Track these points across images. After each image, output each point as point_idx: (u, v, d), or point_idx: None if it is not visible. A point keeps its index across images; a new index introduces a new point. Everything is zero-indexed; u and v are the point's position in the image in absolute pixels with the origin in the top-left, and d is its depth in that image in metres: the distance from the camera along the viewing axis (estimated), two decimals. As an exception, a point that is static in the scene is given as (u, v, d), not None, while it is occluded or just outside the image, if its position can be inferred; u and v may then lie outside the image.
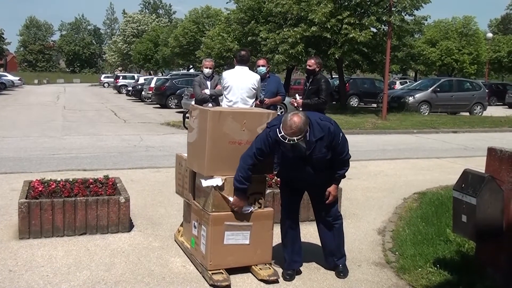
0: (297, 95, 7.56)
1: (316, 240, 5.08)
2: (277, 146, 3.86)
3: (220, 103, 7.98)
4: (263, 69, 7.55)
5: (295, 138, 3.63)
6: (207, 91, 7.94)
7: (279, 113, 8.09)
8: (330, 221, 4.27)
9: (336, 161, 4.02)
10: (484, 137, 15.15)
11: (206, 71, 8.11)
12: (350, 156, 4.09)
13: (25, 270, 4.14)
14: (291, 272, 4.16)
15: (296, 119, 3.65)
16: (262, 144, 3.88)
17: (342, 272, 4.24)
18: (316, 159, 3.91)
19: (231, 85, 6.86)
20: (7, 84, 41.85)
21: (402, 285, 4.11)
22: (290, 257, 4.22)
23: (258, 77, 7.06)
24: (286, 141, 3.64)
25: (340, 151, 3.97)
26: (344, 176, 4.16)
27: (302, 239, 5.10)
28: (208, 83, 8.10)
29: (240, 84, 6.83)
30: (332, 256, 4.32)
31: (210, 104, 7.64)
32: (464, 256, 4.44)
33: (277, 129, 3.70)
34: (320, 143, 3.86)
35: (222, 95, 7.97)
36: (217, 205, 4.02)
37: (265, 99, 7.39)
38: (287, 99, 9.48)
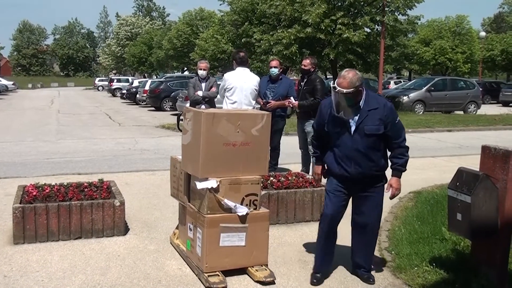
0: (292, 97, 7.53)
1: (313, 241, 5.08)
2: (326, 120, 3.95)
3: (217, 105, 7.99)
4: (275, 71, 7.53)
5: (344, 90, 3.69)
6: (200, 93, 7.93)
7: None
8: (366, 229, 4.08)
9: (391, 146, 3.92)
10: (478, 135, 15.19)
11: (201, 72, 8.10)
12: (408, 148, 3.96)
13: (20, 276, 4.12)
14: (319, 276, 4.08)
15: (351, 73, 3.79)
16: (317, 114, 4.10)
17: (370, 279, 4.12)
18: (367, 132, 3.81)
19: (235, 87, 6.93)
20: (0, 89, 41.73)
21: (398, 284, 4.11)
22: (320, 261, 4.12)
23: (258, 78, 7.17)
24: (336, 90, 3.72)
25: (396, 134, 3.89)
26: (404, 168, 3.96)
27: (298, 241, 5.12)
28: (203, 85, 8.08)
29: (243, 85, 6.92)
30: (360, 268, 4.18)
31: (203, 106, 7.64)
32: (460, 255, 4.45)
33: (331, 85, 3.82)
34: (373, 114, 3.82)
35: (216, 97, 7.99)
36: (212, 207, 4.00)
37: (270, 101, 7.37)
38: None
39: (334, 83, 3.80)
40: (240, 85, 6.92)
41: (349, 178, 3.94)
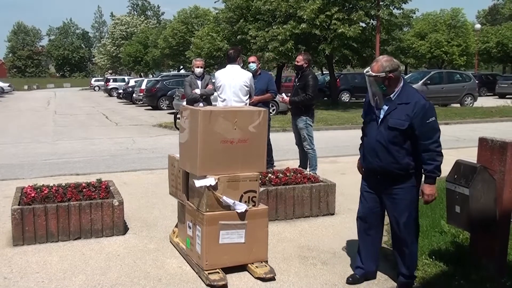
0: (283, 94, 7.57)
1: (312, 237, 5.09)
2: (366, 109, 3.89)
3: (213, 103, 8.00)
4: (253, 66, 7.65)
5: (373, 73, 3.61)
6: (197, 91, 7.93)
7: (271, 111, 8.12)
8: (397, 241, 3.86)
9: (419, 147, 3.61)
10: (475, 127, 15.23)
11: (198, 70, 8.10)
12: (440, 152, 3.61)
13: (20, 277, 4.12)
14: (357, 276, 3.97)
15: (385, 57, 3.72)
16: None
17: None
18: (390, 124, 3.64)
19: (223, 84, 6.97)
20: (-4, 91, 41.62)
21: (398, 278, 4.11)
22: (357, 262, 4.03)
23: (250, 74, 7.14)
24: (367, 74, 3.64)
25: (425, 135, 3.57)
26: (435, 174, 3.62)
27: (297, 236, 5.12)
28: (199, 82, 8.08)
29: (231, 82, 6.92)
30: (398, 275, 3.94)
31: (201, 104, 7.64)
32: (459, 247, 4.46)
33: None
34: (401, 108, 3.62)
35: (213, 94, 8.00)
36: (211, 204, 4.00)
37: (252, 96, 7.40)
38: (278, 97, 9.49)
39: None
40: (228, 82, 6.93)
41: (372, 171, 3.81)
